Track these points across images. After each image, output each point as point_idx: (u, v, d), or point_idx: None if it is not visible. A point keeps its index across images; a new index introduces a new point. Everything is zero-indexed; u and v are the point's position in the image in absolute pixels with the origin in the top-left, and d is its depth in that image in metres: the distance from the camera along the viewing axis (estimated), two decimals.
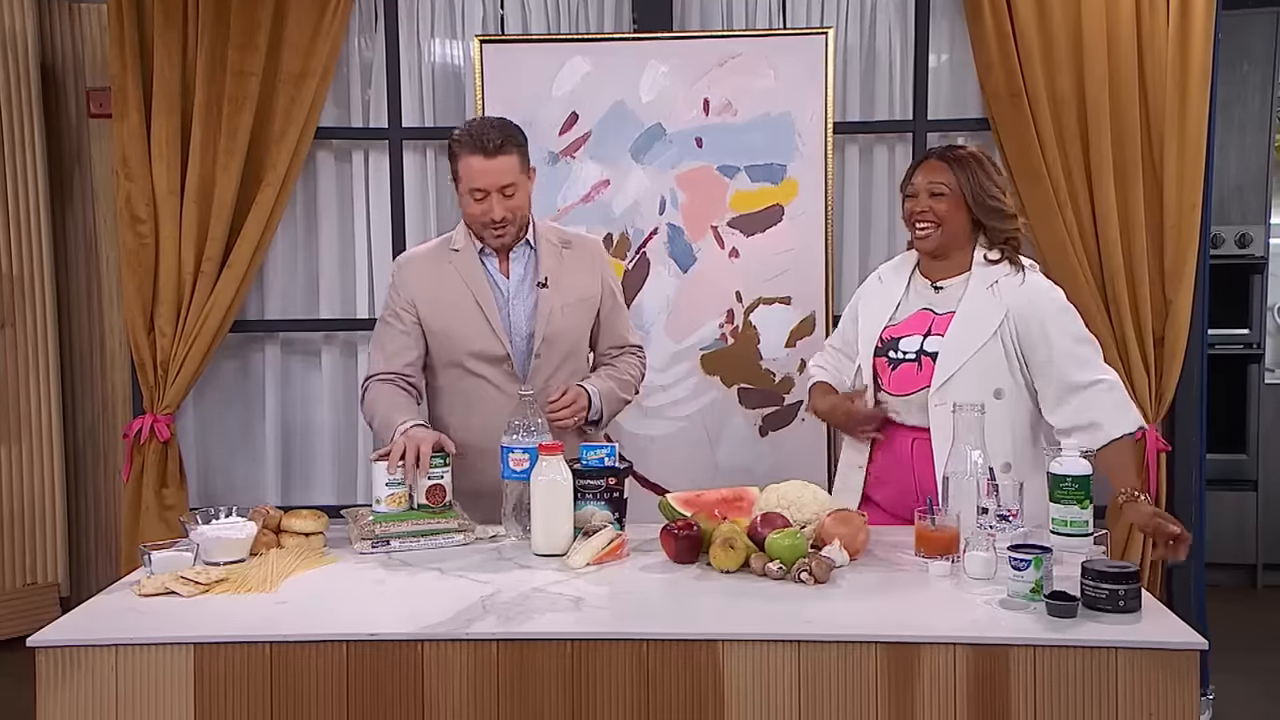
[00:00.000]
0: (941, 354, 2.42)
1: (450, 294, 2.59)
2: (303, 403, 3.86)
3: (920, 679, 1.73)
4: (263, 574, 2.08)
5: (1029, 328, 2.40)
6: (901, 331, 2.52)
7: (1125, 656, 1.70)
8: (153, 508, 3.56)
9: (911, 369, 2.47)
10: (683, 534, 2.16)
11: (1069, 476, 2.01)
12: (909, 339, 2.50)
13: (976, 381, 2.38)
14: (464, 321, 2.58)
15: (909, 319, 2.53)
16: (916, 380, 2.46)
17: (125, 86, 3.50)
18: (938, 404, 2.40)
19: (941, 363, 2.41)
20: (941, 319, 2.48)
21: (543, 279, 2.60)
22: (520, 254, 2.64)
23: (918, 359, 2.46)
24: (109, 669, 1.79)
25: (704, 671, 1.76)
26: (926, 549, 2.09)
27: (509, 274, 2.63)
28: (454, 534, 2.32)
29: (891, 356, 2.51)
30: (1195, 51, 3.36)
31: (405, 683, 1.79)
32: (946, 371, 2.40)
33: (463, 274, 2.60)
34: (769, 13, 3.72)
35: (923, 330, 2.49)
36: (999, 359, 2.40)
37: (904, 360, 2.48)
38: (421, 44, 3.77)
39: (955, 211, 2.45)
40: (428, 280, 2.62)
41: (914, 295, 2.56)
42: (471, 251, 2.62)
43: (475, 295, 2.58)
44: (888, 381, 2.51)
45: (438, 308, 2.60)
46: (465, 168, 2.48)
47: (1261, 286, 4.91)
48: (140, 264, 3.53)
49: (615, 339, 2.77)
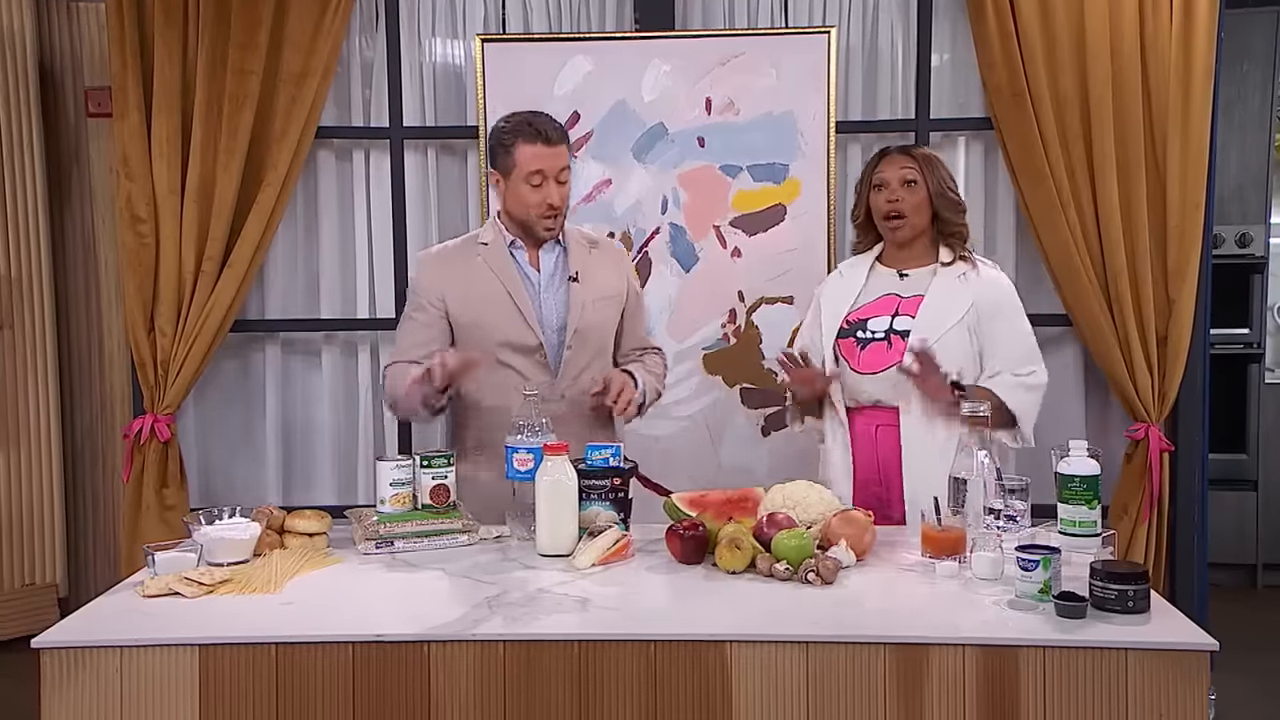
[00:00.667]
0: (913, 333, 2.54)
1: (480, 286, 2.62)
2: (303, 403, 3.85)
3: (929, 680, 1.73)
4: (267, 575, 2.07)
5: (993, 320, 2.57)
6: (868, 313, 2.65)
7: (1135, 657, 1.69)
8: (153, 508, 3.54)
9: (881, 347, 2.59)
10: (688, 534, 2.15)
11: (1077, 477, 2.00)
12: (877, 319, 2.62)
13: (944, 361, 2.47)
14: (495, 312, 2.60)
15: (874, 302, 2.66)
16: (887, 357, 2.57)
17: (125, 85, 3.49)
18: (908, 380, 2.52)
19: (913, 341, 2.51)
20: (909, 301, 2.61)
21: (574, 273, 2.64)
22: (550, 249, 2.67)
23: (887, 337, 2.59)
24: (113, 670, 1.78)
25: (712, 672, 1.76)
26: (933, 549, 2.08)
27: (539, 267, 2.66)
28: (458, 534, 2.31)
29: (860, 336, 2.63)
30: (1198, 51, 3.36)
31: (411, 684, 1.78)
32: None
33: (492, 266, 2.63)
34: (771, 12, 3.71)
35: (890, 311, 2.62)
36: (963, 344, 2.53)
37: (873, 339, 2.61)
38: (423, 43, 3.75)
39: (923, 203, 2.62)
40: (455, 273, 2.64)
41: (877, 282, 2.69)
42: (501, 245, 2.65)
43: (506, 286, 2.61)
44: (857, 361, 2.62)
45: (467, 300, 2.62)
46: (525, 154, 2.53)
47: (1261, 286, 4.91)
48: (140, 264, 3.51)
49: (637, 340, 2.82)
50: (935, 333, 2.53)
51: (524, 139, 2.53)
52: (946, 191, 2.63)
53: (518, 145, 2.54)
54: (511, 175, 2.57)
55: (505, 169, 2.58)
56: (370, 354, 3.82)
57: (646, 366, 2.75)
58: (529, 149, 2.53)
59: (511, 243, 2.65)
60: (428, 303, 2.64)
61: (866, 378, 2.60)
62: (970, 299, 2.57)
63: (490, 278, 2.61)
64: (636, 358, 2.78)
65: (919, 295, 2.61)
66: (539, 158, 2.53)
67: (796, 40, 3.53)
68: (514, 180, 2.57)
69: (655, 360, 2.83)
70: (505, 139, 2.56)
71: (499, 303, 2.60)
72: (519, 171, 2.55)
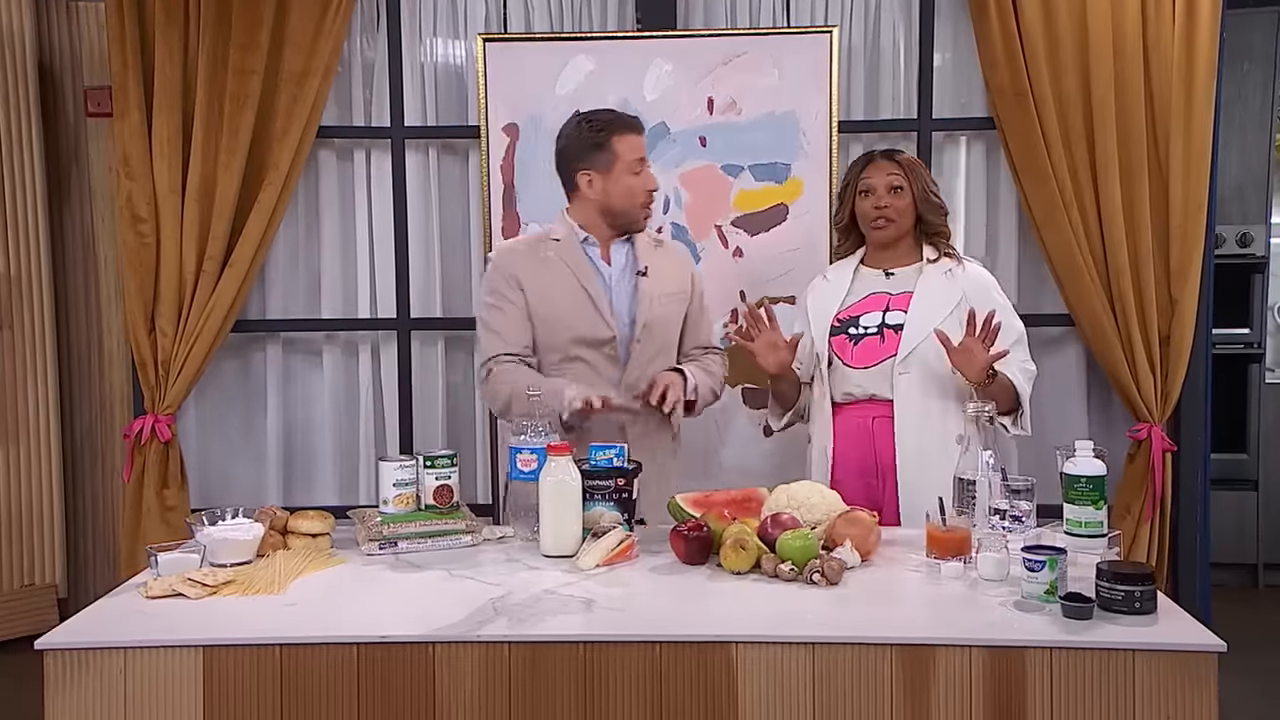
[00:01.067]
0: (907, 326, 2.62)
1: (556, 280, 2.65)
2: (304, 403, 3.84)
3: (936, 681, 1.72)
4: (270, 576, 2.06)
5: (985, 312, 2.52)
6: (858, 311, 2.70)
7: (1142, 659, 1.69)
8: (154, 508, 3.54)
9: (874, 342, 2.65)
10: (693, 535, 2.14)
11: (1083, 477, 1.99)
12: (869, 315, 2.68)
13: (938, 353, 2.53)
14: (570, 306, 2.64)
15: (863, 300, 2.71)
16: (880, 351, 2.64)
17: (126, 84, 3.49)
18: (902, 373, 2.60)
19: (907, 333, 2.61)
20: (899, 297, 2.67)
21: (643, 268, 2.69)
22: (620, 245, 2.73)
23: (880, 332, 2.65)
24: (117, 672, 1.77)
25: (718, 673, 1.75)
26: (938, 550, 2.08)
27: (610, 262, 2.71)
28: (461, 535, 2.30)
29: (852, 333, 2.68)
30: (1201, 50, 3.36)
31: (416, 685, 1.77)
32: (912, 341, 2.60)
33: (567, 261, 2.67)
34: (773, 11, 3.71)
35: (881, 307, 2.68)
36: (955, 335, 2.52)
37: (866, 334, 2.67)
38: (424, 43, 3.75)
39: (908, 206, 2.70)
40: (531, 267, 2.68)
41: (862, 283, 2.74)
42: (574, 240, 2.69)
43: (581, 280, 2.65)
44: (850, 356, 2.66)
45: (544, 294, 2.65)
46: (626, 145, 2.64)
47: (1262, 286, 4.90)
48: (141, 263, 3.51)
49: (700, 339, 2.86)
50: (928, 326, 2.58)
51: (620, 131, 2.63)
52: (930, 196, 2.71)
53: (616, 138, 2.63)
54: (614, 167, 2.63)
55: (604, 164, 2.64)
56: (371, 354, 3.82)
57: (703, 366, 2.79)
58: (630, 139, 2.64)
59: (584, 239, 2.69)
60: (511, 291, 2.66)
61: (860, 372, 2.65)
62: (959, 292, 2.63)
63: (565, 272, 2.65)
64: (696, 357, 2.82)
65: (908, 292, 2.67)
66: (638, 147, 2.65)
67: (799, 40, 3.53)
68: (617, 172, 2.64)
69: (715, 360, 2.87)
70: (599, 136, 2.63)
71: (574, 297, 2.64)
72: (622, 162, 2.63)
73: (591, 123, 2.65)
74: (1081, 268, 3.42)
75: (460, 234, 3.81)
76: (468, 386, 3.86)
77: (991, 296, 2.65)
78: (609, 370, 2.65)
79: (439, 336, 3.84)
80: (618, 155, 2.63)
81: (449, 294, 3.83)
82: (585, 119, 2.68)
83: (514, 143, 3.57)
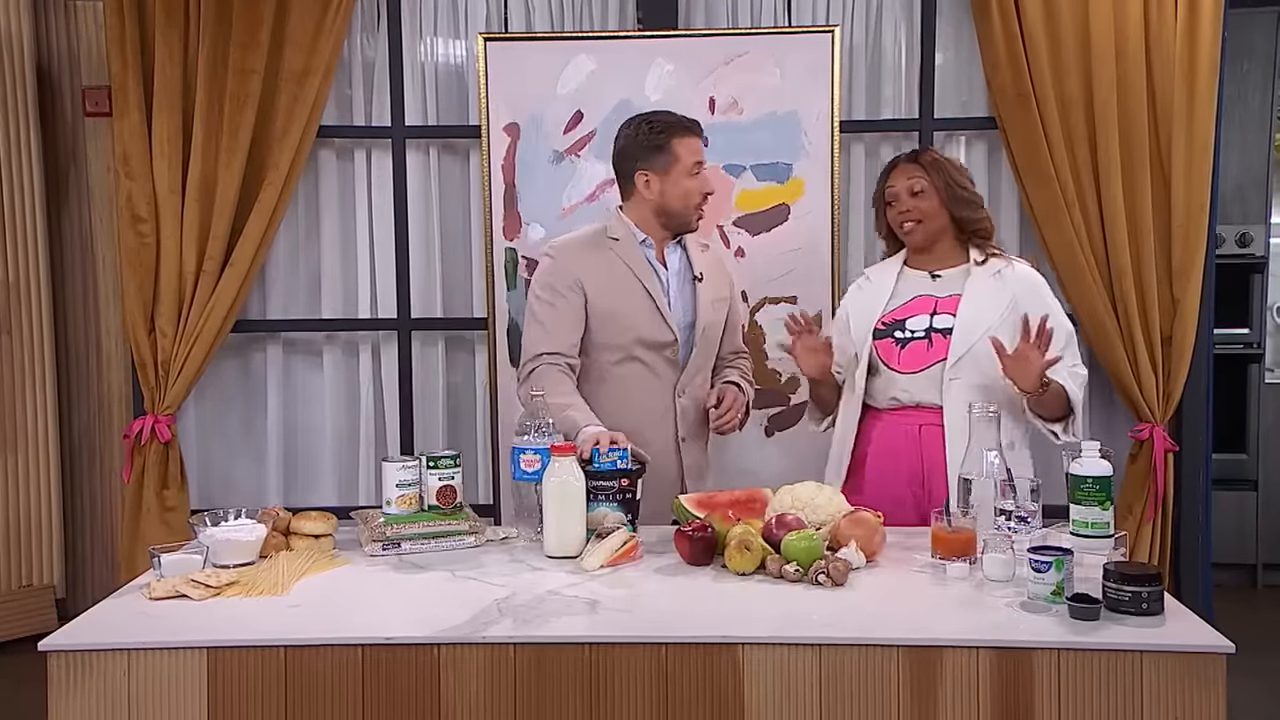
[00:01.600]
0: (956, 330, 2.52)
1: (617, 278, 2.66)
2: (304, 403, 3.84)
3: (943, 682, 1.72)
4: (273, 577, 2.05)
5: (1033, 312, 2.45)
6: (904, 314, 2.61)
7: (1150, 660, 1.68)
8: (154, 509, 3.53)
9: (921, 346, 2.55)
10: (698, 536, 2.13)
11: (1090, 478, 1.99)
12: (916, 318, 2.58)
13: (989, 357, 2.44)
14: (632, 306, 2.65)
15: (908, 304, 2.62)
16: (928, 356, 2.54)
17: (126, 84, 3.48)
18: (953, 379, 2.50)
19: (957, 338, 2.51)
20: (946, 300, 2.57)
21: (699, 273, 2.73)
22: (673, 249, 2.76)
23: (928, 336, 2.55)
24: (121, 673, 1.76)
25: (724, 675, 1.74)
26: (943, 551, 2.07)
27: (666, 265, 2.72)
28: (465, 536, 2.29)
29: (898, 336, 2.59)
30: (1203, 51, 3.36)
31: (421, 686, 1.77)
32: (963, 346, 2.50)
33: (627, 260, 2.68)
34: (774, 11, 3.71)
35: (929, 310, 2.58)
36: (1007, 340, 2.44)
37: (913, 338, 2.57)
38: (424, 42, 3.74)
39: (936, 207, 2.60)
40: (592, 263, 2.68)
41: (907, 285, 2.66)
42: (633, 241, 2.70)
43: (643, 281, 2.66)
44: (897, 360, 2.57)
45: (605, 290, 2.66)
46: (685, 147, 2.65)
47: (1262, 286, 4.90)
48: (141, 264, 3.50)
49: (734, 344, 2.89)
50: (978, 330, 2.50)
51: (679, 134, 2.64)
52: (958, 191, 2.60)
53: (675, 141, 2.64)
54: (673, 169, 2.64)
55: (663, 165, 2.65)
56: (371, 354, 3.81)
57: (743, 373, 2.83)
58: (690, 142, 2.65)
59: (642, 240, 2.70)
60: (567, 289, 2.65)
61: (906, 377, 2.57)
62: (1009, 295, 2.54)
63: (626, 272, 2.66)
64: (731, 362, 2.85)
65: (955, 294, 2.58)
66: (697, 149, 2.67)
67: (800, 39, 3.52)
68: (676, 174, 2.65)
69: (747, 365, 2.91)
70: (658, 139, 2.64)
71: (636, 297, 2.65)
72: (681, 165, 2.64)
73: (652, 124, 2.66)
74: (1083, 268, 3.41)
75: (461, 234, 3.80)
76: (468, 387, 3.85)
77: (1042, 298, 2.56)
78: (668, 373, 2.67)
79: (439, 337, 3.83)
80: (677, 157, 2.64)
81: (449, 294, 3.82)
82: (646, 120, 2.69)
83: (515, 142, 3.57)
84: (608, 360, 2.67)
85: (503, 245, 3.59)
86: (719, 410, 2.65)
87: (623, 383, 2.66)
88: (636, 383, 2.66)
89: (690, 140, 2.65)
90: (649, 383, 2.67)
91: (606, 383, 2.67)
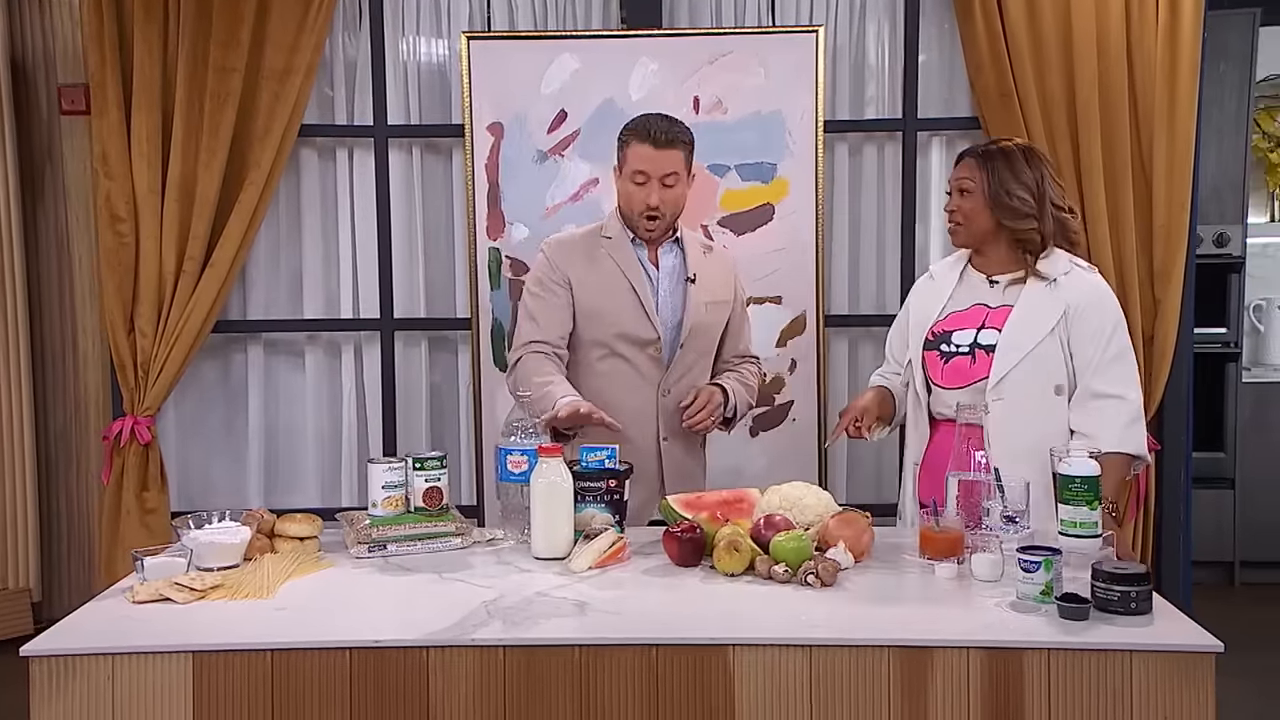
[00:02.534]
0: (1000, 348, 2.40)
1: (605, 275, 2.68)
2: (286, 404, 3.81)
3: (933, 682, 1.71)
4: (258, 580, 2.03)
5: (1084, 328, 2.39)
6: (953, 325, 2.50)
7: (1140, 659, 1.69)
8: (134, 511, 3.50)
9: (964, 362, 2.45)
10: (686, 537, 2.13)
11: (1077, 477, 1.99)
12: (962, 332, 2.48)
13: (1035, 377, 2.38)
14: (617, 303, 2.66)
15: (962, 313, 2.51)
16: (970, 373, 2.44)
17: (104, 82, 3.44)
18: (996, 399, 2.38)
19: (999, 357, 2.40)
20: (997, 313, 2.46)
21: (692, 274, 2.71)
22: (669, 249, 2.74)
23: (971, 352, 2.45)
24: (104, 678, 1.74)
25: (715, 676, 1.74)
26: (931, 551, 2.07)
27: (658, 265, 2.72)
28: (451, 537, 2.28)
29: (944, 350, 2.50)
30: (1184, 51, 3.38)
31: (410, 690, 1.75)
32: (1005, 366, 2.39)
33: (616, 258, 2.69)
34: (758, 10, 3.71)
35: (976, 324, 2.47)
36: (1056, 355, 2.40)
37: (956, 353, 2.47)
38: (406, 40, 3.72)
39: (980, 208, 2.46)
40: (581, 259, 2.70)
41: (967, 289, 2.54)
42: (625, 239, 2.71)
43: (630, 278, 2.67)
44: (939, 375, 2.50)
45: (591, 287, 2.67)
46: (633, 153, 2.63)
47: (1239, 286, 4.94)
48: (120, 263, 3.47)
49: (739, 347, 2.87)
50: (1024, 348, 2.39)
51: (637, 138, 2.63)
52: (1002, 196, 2.43)
53: (630, 144, 2.64)
54: (623, 170, 2.67)
55: (618, 165, 2.69)
56: (354, 355, 3.79)
57: (741, 377, 2.80)
58: (638, 148, 2.62)
59: (634, 239, 2.71)
60: (556, 285, 2.68)
61: (949, 393, 2.47)
62: (1063, 305, 2.40)
63: (614, 269, 2.67)
64: (733, 366, 2.83)
65: (1007, 306, 2.44)
66: (644, 159, 2.61)
67: (785, 39, 3.52)
68: (623, 177, 2.67)
69: (751, 370, 2.88)
70: (623, 136, 2.67)
71: (621, 294, 2.66)
72: (627, 169, 2.65)
73: (628, 124, 2.69)
74: None
75: (444, 233, 3.78)
76: (451, 388, 3.84)
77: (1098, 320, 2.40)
78: (651, 372, 2.67)
79: (422, 337, 3.81)
80: (626, 160, 2.66)
81: (432, 294, 3.80)
82: (634, 118, 2.70)
83: (498, 142, 3.55)
84: (592, 356, 2.69)
85: (486, 245, 3.57)
86: (690, 409, 2.63)
87: (605, 379, 2.67)
88: (619, 379, 2.67)
89: (642, 148, 2.60)
90: (631, 380, 2.67)
91: (590, 378, 2.68)
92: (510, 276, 3.57)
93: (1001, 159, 2.46)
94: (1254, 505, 4.95)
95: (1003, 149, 2.49)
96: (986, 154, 2.48)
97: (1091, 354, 2.39)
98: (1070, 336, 2.40)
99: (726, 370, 2.82)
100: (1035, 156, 2.50)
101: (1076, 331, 2.40)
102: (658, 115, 2.69)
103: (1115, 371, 2.40)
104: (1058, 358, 2.40)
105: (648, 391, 2.67)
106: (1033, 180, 2.45)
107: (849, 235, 3.73)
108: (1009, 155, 2.47)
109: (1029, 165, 2.46)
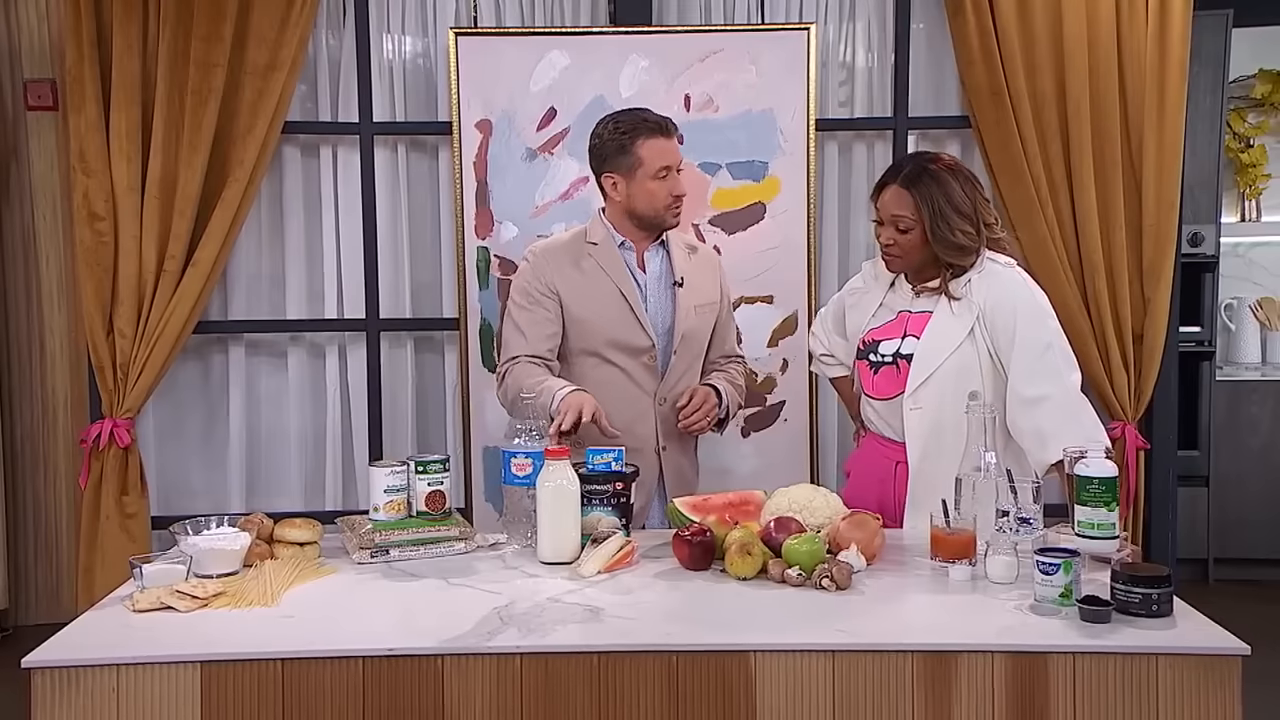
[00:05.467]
0: (915, 358, 2.38)
1: (593, 283, 2.61)
2: (268, 406, 3.75)
3: (958, 688, 1.70)
4: (261, 587, 1.98)
5: (1000, 327, 2.36)
6: (881, 335, 2.49)
7: (1165, 662, 1.68)
8: (113, 516, 3.43)
9: (891, 372, 2.44)
10: (697, 540, 2.10)
11: (1096, 479, 1.98)
12: (887, 342, 2.46)
13: (952, 386, 2.35)
14: (607, 311, 2.60)
15: (889, 323, 2.49)
16: (896, 384, 2.42)
17: (82, 77, 3.37)
18: (912, 408, 2.38)
19: (915, 367, 2.38)
20: (916, 318, 2.44)
21: (679, 278, 2.65)
22: (654, 252, 2.69)
23: (895, 361, 2.43)
24: (109, 690, 1.68)
25: (735, 683, 1.71)
26: (943, 552, 2.06)
27: (645, 269, 2.66)
28: (455, 542, 2.24)
29: (872, 360, 2.48)
30: (1173, 50, 3.41)
31: (425, 699, 1.71)
32: (920, 376, 2.38)
33: (604, 265, 2.63)
34: (748, 8, 3.70)
35: (900, 333, 2.45)
36: (972, 362, 2.38)
37: (883, 364, 2.45)
38: (391, 37, 3.67)
39: (919, 244, 2.39)
40: (568, 267, 2.63)
41: (896, 297, 2.52)
42: (611, 245, 2.64)
43: (619, 286, 2.61)
44: (870, 386, 2.49)
45: (580, 295, 2.61)
46: (652, 148, 2.56)
47: (1213, 285, 4.98)
48: (99, 263, 3.39)
49: (725, 348, 2.83)
50: (939, 357, 2.36)
51: (646, 135, 2.56)
52: (944, 233, 2.34)
53: (639, 142, 2.56)
54: (636, 172, 2.57)
55: (627, 167, 2.58)
56: (338, 355, 3.73)
57: (729, 377, 2.76)
58: (655, 143, 2.56)
59: (621, 243, 2.65)
60: (542, 295, 2.61)
61: (880, 403, 2.47)
62: (975, 311, 2.36)
63: (602, 276, 2.61)
64: (720, 367, 2.79)
65: (927, 312, 2.42)
66: (665, 152, 2.57)
67: (776, 37, 3.51)
68: (639, 177, 2.57)
69: (738, 370, 2.84)
70: (623, 139, 2.57)
71: (611, 302, 2.60)
72: (646, 168, 2.56)
73: (618, 125, 2.60)
74: (1057, 266, 3.44)
75: (430, 232, 3.74)
76: (438, 389, 3.79)
77: (1012, 318, 2.34)
78: (647, 380, 2.62)
79: (408, 338, 3.76)
80: (641, 159, 2.56)
81: (418, 294, 3.76)
82: (614, 119, 2.62)
83: (487, 139, 3.51)
84: (586, 365, 2.63)
85: (474, 244, 3.53)
86: (685, 410, 2.59)
87: (601, 389, 2.58)
88: (615, 389, 2.60)
89: (656, 142, 2.56)
90: (628, 389, 2.62)
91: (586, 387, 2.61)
92: (499, 276, 3.53)
93: (936, 188, 2.34)
94: (1228, 503, 5.00)
95: (934, 175, 2.36)
96: (918, 184, 2.36)
97: (1013, 355, 2.34)
98: (993, 338, 2.36)
99: (714, 371, 2.78)
100: (964, 176, 2.40)
101: (994, 334, 2.37)
102: (641, 109, 2.65)
103: (1037, 367, 2.33)
104: (973, 364, 2.36)
105: (645, 401, 2.63)
106: (969, 206, 2.36)
107: (840, 234, 3.73)
108: (942, 183, 2.35)
109: (962, 189, 2.37)
